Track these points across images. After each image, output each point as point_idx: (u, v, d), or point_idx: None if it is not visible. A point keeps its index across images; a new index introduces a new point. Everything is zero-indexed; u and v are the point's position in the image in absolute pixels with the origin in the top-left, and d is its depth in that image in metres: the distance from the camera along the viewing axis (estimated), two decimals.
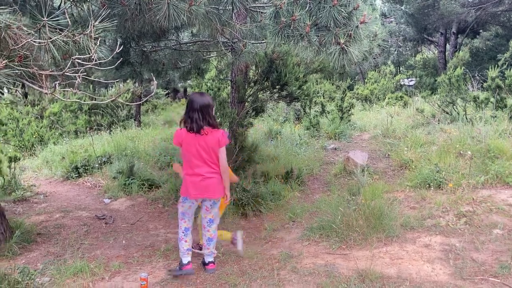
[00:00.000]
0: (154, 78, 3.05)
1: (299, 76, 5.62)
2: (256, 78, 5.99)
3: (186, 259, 3.85)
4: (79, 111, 12.75)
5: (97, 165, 8.09)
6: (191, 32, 7.70)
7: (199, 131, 3.60)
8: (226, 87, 14.26)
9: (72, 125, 12.13)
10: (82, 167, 8.10)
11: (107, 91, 16.49)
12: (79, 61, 2.49)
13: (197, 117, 3.59)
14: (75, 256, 4.33)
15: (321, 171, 7.66)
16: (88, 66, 2.53)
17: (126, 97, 15.78)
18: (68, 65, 2.44)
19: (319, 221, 4.82)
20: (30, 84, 2.67)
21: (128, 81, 15.55)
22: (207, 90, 17.58)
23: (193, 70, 8.73)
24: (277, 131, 10.15)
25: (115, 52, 2.75)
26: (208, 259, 4.00)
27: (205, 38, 7.79)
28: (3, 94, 14.31)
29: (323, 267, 3.82)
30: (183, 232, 3.88)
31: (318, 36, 4.15)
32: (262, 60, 5.77)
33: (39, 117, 12.05)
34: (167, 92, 23.95)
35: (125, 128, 13.60)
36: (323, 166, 7.87)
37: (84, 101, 13.05)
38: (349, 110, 11.40)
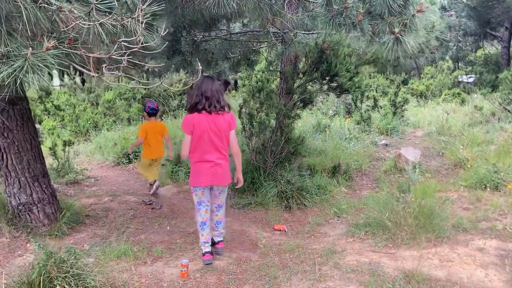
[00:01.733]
0: (199, 64, 3.00)
1: (350, 67, 5.44)
2: (305, 69, 5.86)
3: (204, 249, 3.89)
4: (132, 100, 13.08)
5: None
6: (242, 22, 7.66)
7: (216, 111, 3.56)
8: (276, 79, 14.17)
9: (125, 113, 12.46)
10: (132, 153, 8.29)
11: (160, 80, 16.87)
12: (126, 44, 2.48)
13: (214, 99, 3.54)
14: (120, 239, 4.43)
15: (370, 167, 7.43)
16: (134, 49, 2.52)
17: (178, 87, 16.06)
18: (115, 47, 2.44)
19: (365, 217, 4.65)
20: (79, 67, 2.70)
21: (180, 71, 15.80)
22: (257, 82, 17.50)
23: (243, 61, 8.71)
24: (326, 125, 9.95)
25: (160, 35, 2.74)
26: (217, 238, 4.05)
27: (255, 28, 7.74)
28: (61, 80, 14.92)
29: (367, 265, 3.67)
30: (200, 226, 3.90)
31: (371, 24, 3.97)
32: (312, 50, 5.63)
33: (94, 103, 12.48)
34: None
35: (175, 118, 13.85)
36: (372, 162, 7.63)
37: (138, 89, 13.37)
38: (402, 105, 11.00)
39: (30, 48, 2.07)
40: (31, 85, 2.05)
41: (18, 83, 1.99)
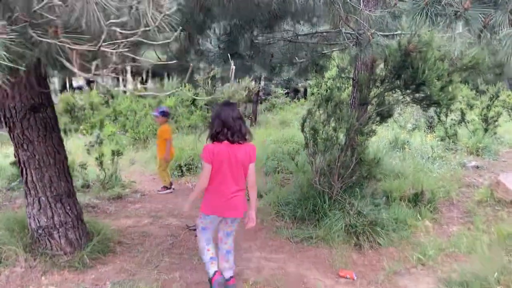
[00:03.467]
0: (232, 62, 2.14)
1: (442, 74, 4.33)
2: (384, 75, 4.81)
3: (212, 270, 3.45)
4: (193, 107, 12.57)
5: (200, 165, 7.56)
6: (310, 22, 6.73)
7: (238, 141, 3.26)
8: (348, 87, 13.03)
9: (186, 120, 11.95)
10: (185, 165, 7.67)
11: (226, 87, 16.26)
12: (119, 29, 1.65)
13: (236, 128, 3.24)
14: (150, 277, 3.67)
15: (460, 195, 6.15)
16: (131, 40, 1.69)
17: (243, 95, 15.40)
18: (103, 36, 1.63)
19: (461, 271, 3.52)
20: (67, 64, 1.92)
21: (246, 77, 15.14)
22: (326, 90, 16.45)
23: (311, 67, 7.77)
24: (404, 141, 8.72)
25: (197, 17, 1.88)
26: (228, 274, 3.54)
27: (325, 29, 6.79)
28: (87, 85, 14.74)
29: None
30: (205, 242, 3.53)
31: (482, 14, 2.90)
32: (393, 53, 4.57)
33: None
34: (286, 91, 23.28)
35: None
36: (462, 189, 6.34)
37: (200, 96, 12.77)
38: (495, 121, 9.46)
39: None
40: None
41: None
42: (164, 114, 6.49)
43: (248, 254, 4.33)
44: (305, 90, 25.19)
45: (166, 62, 3.70)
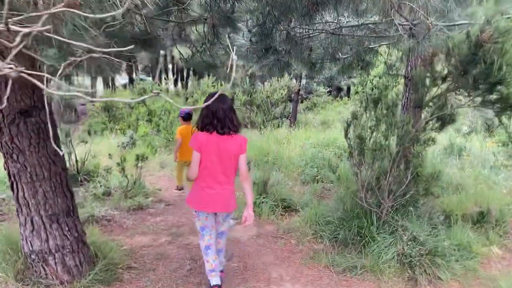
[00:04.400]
0: (232, 51, 1.42)
1: None
2: (446, 71, 3.99)
3: (212, 280, 3.32)
4: None
5: None
6: (356, 11, 5.93)
7: (228, 132, 3.13)
8: (396, 85, 12.05)
9: None
10: None
11: (265, 85, 15.55)
12: None
13: (227, 119, 3.11)
14: None
15: None
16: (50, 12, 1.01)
17: (282, 94, 14.69)
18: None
19: None
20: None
21: (285, 75, 14.44)
22: (372, 89, 15.53)
23: (356, 63, 6.94)
24: (461, 146, 7.76)
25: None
26: (218, 268, 3.49)
27: (373, 20, 5.97)
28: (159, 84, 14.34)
29: None
30: (203, 251, 3.38)
31: None
32: (459, 45, 3.75)
33: None
34: (328, 90, 22.34)
35: (279, 126, 12.49)
36: None
37: (237, 95, 12.14)
38: None
39: None
40: None
41: None
42: (180, 114, 6.17)
43: (278, 285, 3.62)
44: (348, 88, 24.14)
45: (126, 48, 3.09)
